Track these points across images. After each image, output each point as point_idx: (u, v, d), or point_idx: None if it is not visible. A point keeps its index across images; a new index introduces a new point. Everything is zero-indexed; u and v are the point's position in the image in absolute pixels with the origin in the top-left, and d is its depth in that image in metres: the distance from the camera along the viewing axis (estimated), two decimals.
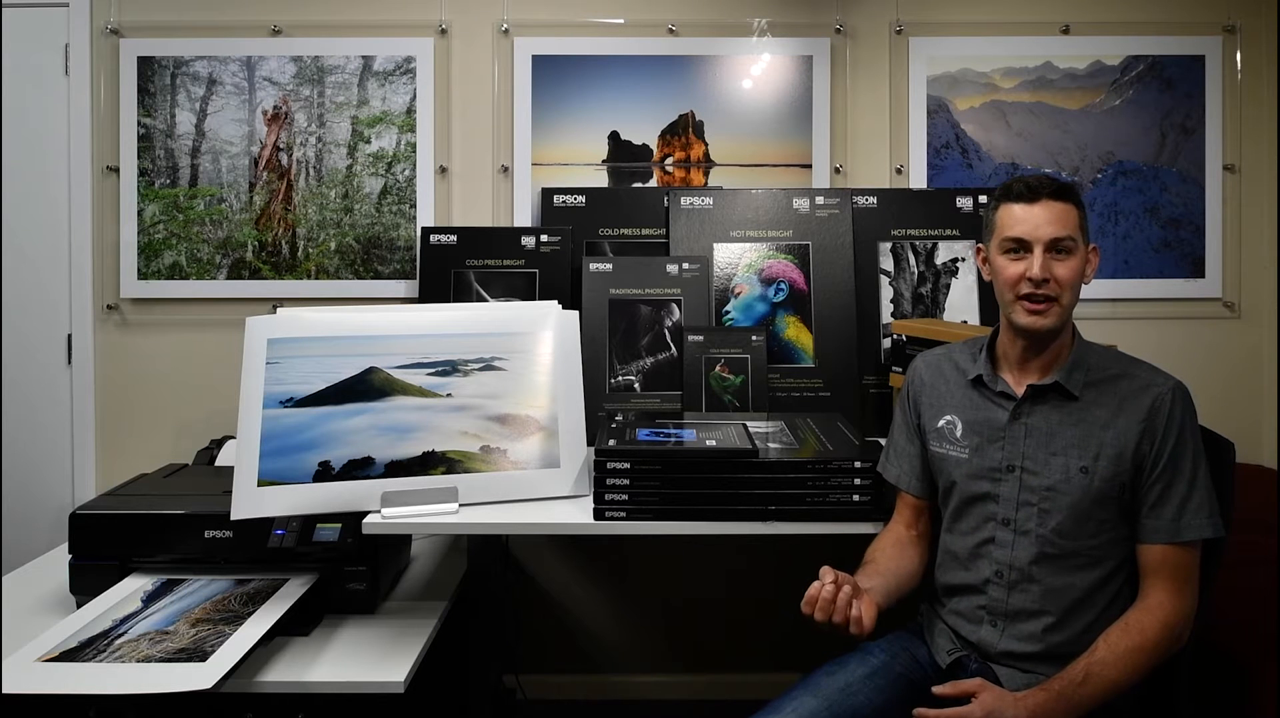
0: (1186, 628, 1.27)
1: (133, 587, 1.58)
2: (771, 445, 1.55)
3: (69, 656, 1.34)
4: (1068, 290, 1.31)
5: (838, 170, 2.31)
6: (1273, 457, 2.31)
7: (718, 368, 2.03)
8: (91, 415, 2.31)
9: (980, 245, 1.44)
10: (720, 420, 1.74)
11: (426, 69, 2.29)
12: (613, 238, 2.21)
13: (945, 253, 2.19)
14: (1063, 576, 1.31)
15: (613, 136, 2.31)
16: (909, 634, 1.49)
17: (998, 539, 1.35)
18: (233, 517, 1.50)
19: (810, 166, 2.31)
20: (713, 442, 1.51)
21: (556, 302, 1.77)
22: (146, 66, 2.28)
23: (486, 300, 2.14)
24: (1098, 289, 2.30)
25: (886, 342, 2.14)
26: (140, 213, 2.28)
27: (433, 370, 1.66)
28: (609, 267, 2.13)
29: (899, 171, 2.32)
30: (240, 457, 1.54)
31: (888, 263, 2.19)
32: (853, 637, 1.26)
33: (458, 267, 2.16)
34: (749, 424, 1.67)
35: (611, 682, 2.36)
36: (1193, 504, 1.27)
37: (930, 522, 1.50)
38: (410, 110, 2.30)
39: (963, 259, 2.18)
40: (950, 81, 2.31)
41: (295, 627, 1.53)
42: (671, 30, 2.30)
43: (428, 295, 2.14)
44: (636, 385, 2.06)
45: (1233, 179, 2.31)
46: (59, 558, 1.87)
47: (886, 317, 2.17)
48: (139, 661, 1.33)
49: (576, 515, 1.50)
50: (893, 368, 1.94)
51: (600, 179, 2.31)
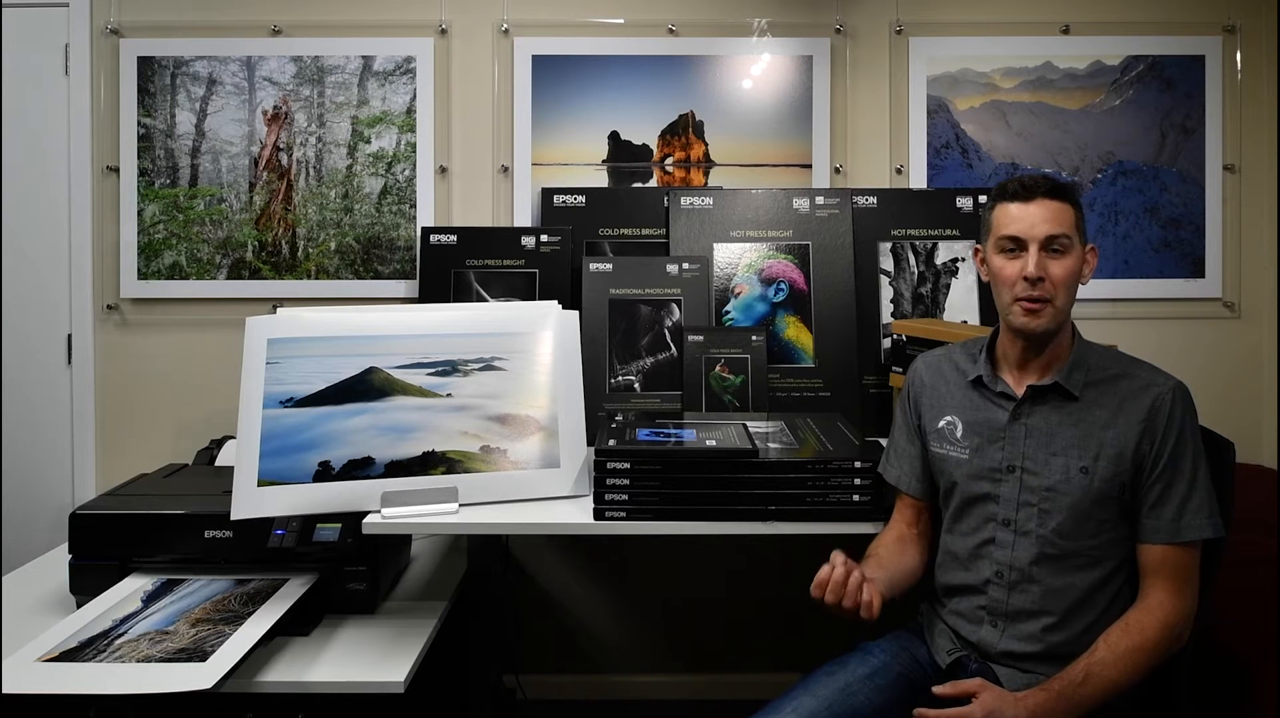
0: (1186, 628, 1.27)
1: (133, 587, 1.58)
2: (771, 445, 1.55)
3: (69, 656, 1.34)
4: (1062, 290, 1.31)
5: (838, 170, 2.31)
6: (1273, 457, 2.31)
7: (718, 368, 2.03)
8: (91, 415, 2.31)
9: (978, 247, 1.44)
10: (720, 420, 1.74)
11: (426, 69, 2.29)
12: (613, 238, 2.21)
13: (945, 253, 2.19)
14: (1063, 576, 1.31)
15: (613, 137, 2.31)
16: (909, 634, 1.50)
17: (998, 540, 1.35)
18: (233, 517, 1.50)
19: (810, 166, 2.31)
20: (713, 442, 1.51)
21: (556, 302, 1.77)
22: (146, 66, 2.28)
23: (486, 300, 2.14)
24: (1098, 289, 2.30)
25: (886, 342, 2.14)
26: (140, 213, 2.29)
27: (433, 370, 1.66)
28: (609, 267, 2.13)
29: (899, 171, 2.32)
30: (240, 457, 1.54)
31: (888, 263, 2.19)
32: (860, 622, 1.25)
33: (458, 267, 2.16)
34: (749, 424, 1.67)
35: (611, 682, 2.36)
36: (1193, 504, 1.27)
37: (931, 522, 1.50)
38: (410, 110, 2.30)
39: (963, 259, 2.18)
40: (950, 81, 2.31)
41: (295, 627, 1.53)
42: (671, 30, 2.30)
43: (428, 295, 2.14)
44: (636, 385, 2.06)
45: (1233, 179, 2.31)
46: (59, 558, 1.87)
47: (886, 317, 2.17)
48: (139, 661, 1.33)
49: (576, 515, 1.50)
50: (893, 368, 1.94)
51: (600, 179, 2.31)
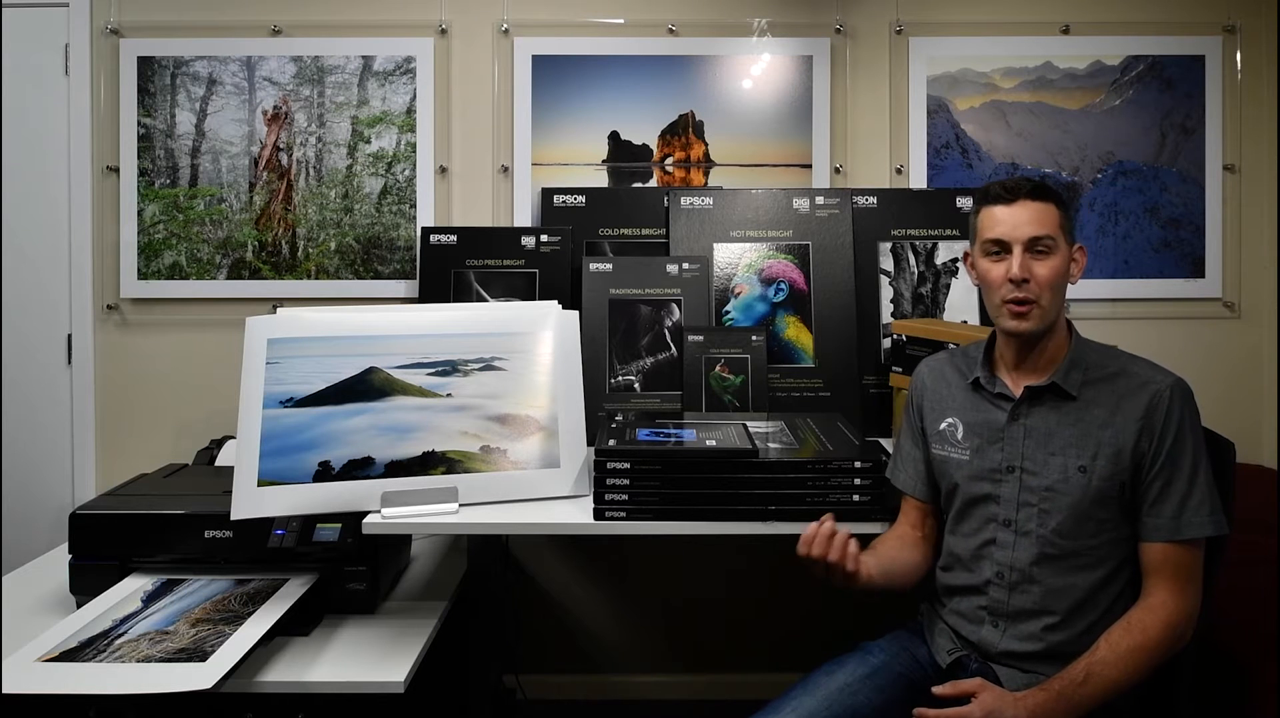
0: (1189, 627, 1.26)
1: (133, 587, 1.58)
2: (771, 445, 1.55)
3: (69, 656, 1.34)
4: (1048, 291, 1.31)
5: (838, 170, 2.31)
6: (1273, 457, 2.31)
7: (718, 368, 2.03)
8: (91, 415, 2.31)
9: (968, 251, 1.45)
10: (720, 420, 1.74)
11: (426, 69, 2.29)
12: (613, 238, 2.21)
13: (945, 253, 2.19)
14: (1064, 576, 1.31)
15: (613, 137, 2.31)
16: (909, 634, 1.50)
17: (999, 540, 1.35)
18: (233, 517, 1.50)
19: (810, 166, 2.31)
20: (713, 442, 1.51)
21: (556, 302, 1.77)
22: (146, 66, 2.28)
23: (486, 300, 2.14)
24: (1098, 289, 2.30)
25: (886, 342, 2.14)
26: (140, 213, 2.29)
27: (433, 370, 1.66)
28: (609, 267, 2.13)
29: (899, 171, 2.32)
30: (240, 457, 1.54)
31: (888, 263, 2.19)
32: (846, 585, 1.29)
33: (458, 267, 2.16)
34: (749, 424, 1.67)
35: (611, 682, 2.36)
36: (1193, 502, 1.26)
37: (936, 525, 1.50)
38: (410, 110, 2.30)
39: (963, 259, 2.18)
40: (950, 81, 2.31)
41: (295, 627, 1.53)
42: (671, 30, 2.30)
43: (428, 295, 2.14)
44: (636, 385, 2.06)
45: (1233, 179, 2.31)
46: (59, 558, 1.87)
47: (886, 317, 2.17)
48: (139, 661, 1.33)
49: (576, 515, 1.50)
50: (893, 368, 1.94)
51: (600, 179, 2.31)
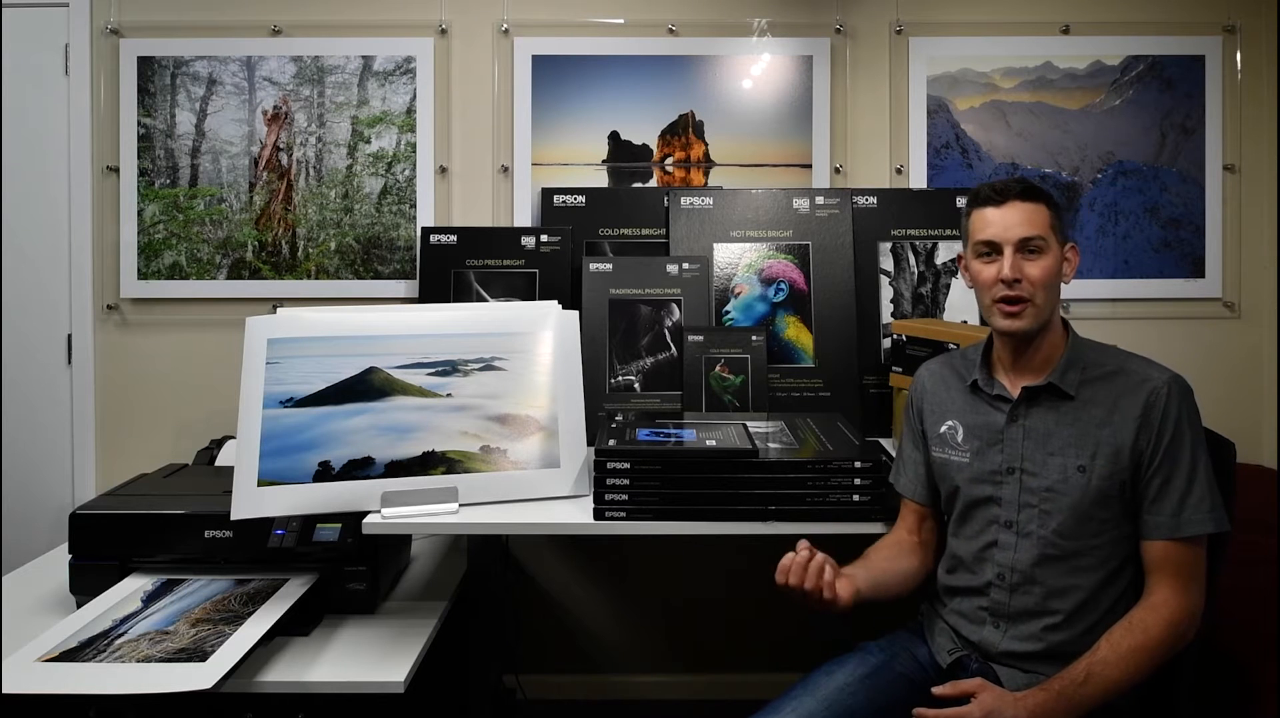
0: (1192, 626, 1.26)
1: (133, 587, 1.58)
2: (771, 445, 1.55)
3: (69, 656, 1.34)
4: (1041, 290, 1.31)
5: (838, 170, 2.31)
6: (1273, 457, 2.31)
7: (718, 368, 2.03)
8: (91, 415, 2.31)
9: (961, 254, 1.45)
10: (720, 420, 1.74)
11: (426, 69, 2.29)
12: (613, 238, 2.21)
13: (945, 253, 2.19)
14: (1066, 577, 1.31)
15: (613, 137, 2.31)
16: (909, 634, 1.50)
17: (1000, 542, 1.35)
18: (233, 517, 1.50)
19: (810, 166, 2.31)
20: (713, 442, 1.51)
21: (556, 302, 1.77)
22: (146, 66, 2.28)
23: (486, 300, 2.14)
24: (1098, 289, 2.30)
25: (886, 342, 2.14)
26: (140, 213, 2.28)
27: (433, 370, 1.66)
28: (609, 267, 2.13)
29: (899, 171, 2.32)
30: (240, 457, 1.54)
31: (888, 263, 2.19)
32: (829, 613, 1.28)
33: (458, 267, 2.16)
34: (749, 424, 1.67)
35: (611, 682, 2.36)
36: (1193, 499, 1.26)
37: (934, 528, 1.50)
38: (410, 110, 2.30)
39: (956, 262, 2.18)
40: (950, 81, 2.31)
41: (295, 627, 1.53)
42: (671, 30, 2.30)
43: (428, 295, 2.14)
44: (636, 385, 2.06)
45: (1233, 179, 2.31)
46: (59, 558, 1.87)
47: (886, 317, 2.17)
48: (139, 661, 1.33)
49: (576, 515, 1.50)
50: (893, 368, 1.94)
51: (600, 179, 2.31)
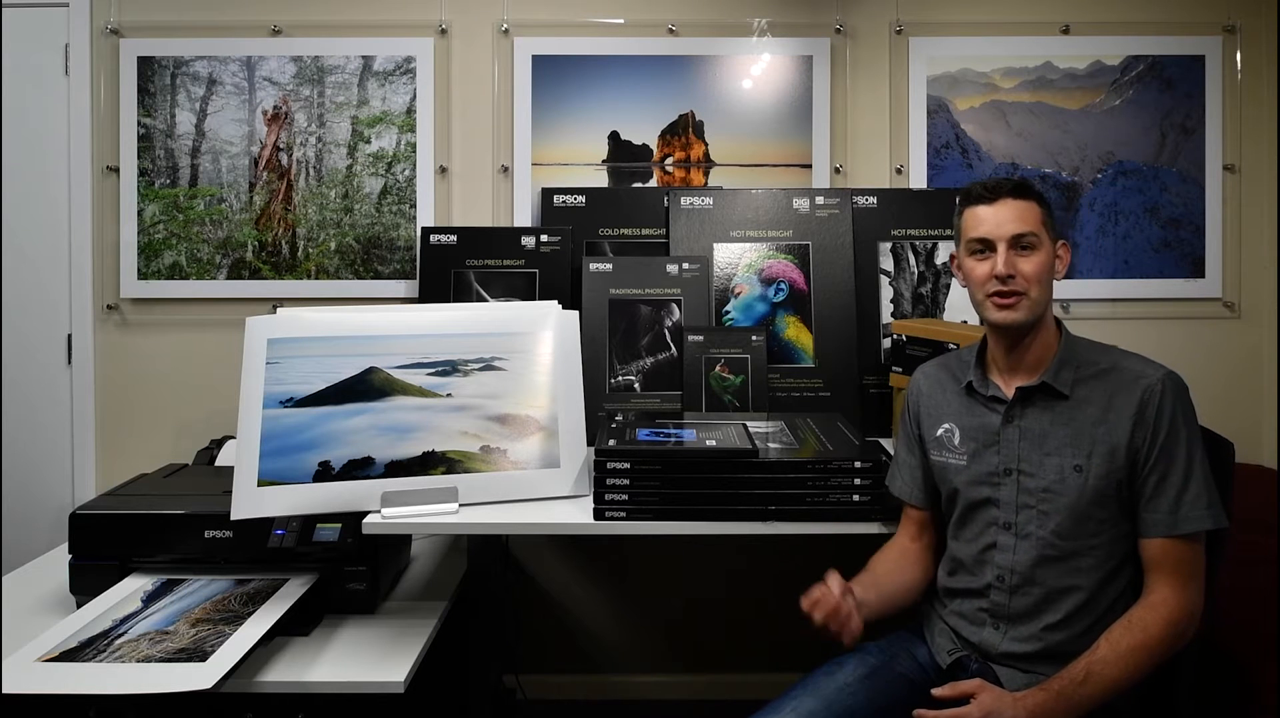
0: (1192, 624, 1.25)
1: (133, 587, 1.58)
2: (771, 445, 1.55)
3: (69, 656, 1.34)
4: (1035, 284, 1.32)
5: (838, 170, 2.31)
6: (1273, 457, 2.31)
7: (718, 368, 2.03)
8: (91, 415, 2.31)
9: (954, 254, 1.46)
10: (720, 420, 1.74)
11: (426, 69, 2.29)
12: (613, 238, 2.21)
13: (945, 253, 2.19)
14: (1065, 577, 1.31)
15: (613, 137, 2.31)
16: (909, 634, 1.49)
17: (999, 544, 1.35)
18: (233, 517, 1.50)
19: (810, 166, 2.31)
20: (713, 442, 1.51)
21: (556, 302, 1.77)
22: (146, 66, 2.28)
23: (486, 300, 2.14)
24: (1098, 289, 2.30)
25: (886, 342, 2.14)
26: (140, 213, 2.29)
27: (433, 370, 1.66)
28: (609, 267, 2.13)
29: (899, 171, 2.32)
30: (240, 457, 1.54)
31: (888, 263, 2.19)
32: (836, 641, 1.33)
33: (458, 267, 2.16)
34: (749, 424, 1.67)
35: (611, 682, 2.36)
36: (1189, 495, 1.26)
37: (936, 533, 1.50)
38: (410, 110, 2.30)
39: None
40: (950, 81, 2.31)
41: (295, 627, 1.53)
42: (671, 30, 2.30)
43: (428, 295, 2.14)
44: (636, 385, 2.06)
45: (1233, 179, 2.31)
46: (59, 558, 1.87)
47: (886, 317, 2.17)
48: (139, 661, 1.33)
49: (576, 515, 1.50)
50: (893, 368, 1.94)
51: (600, 179, 2.31)
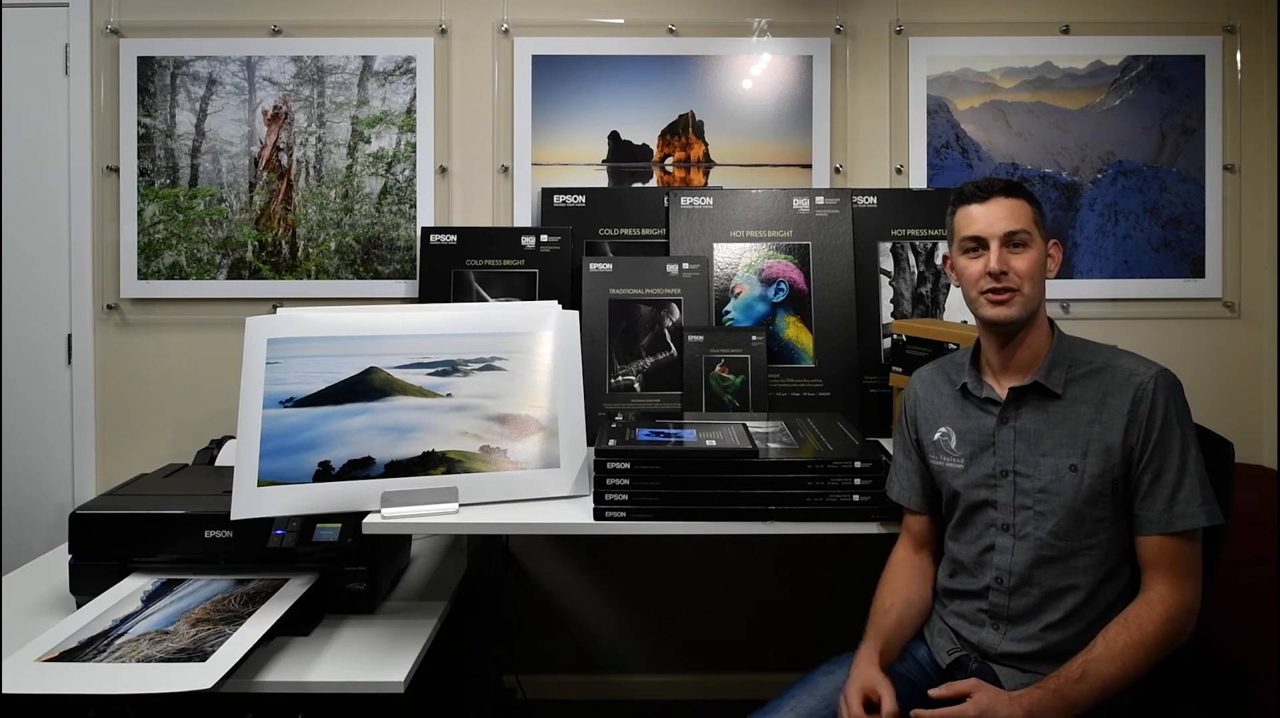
0: (1189, 622, 1.25)
1: (133, 587, 1.58)
2: (771, 445, 1.55)
3: (69, 656, 1.34)
4: (1028, 281, 1.33)
5: (838, 170, 2.31)
6: (1273, 457, 2.31)
7: (718, 368, 2.03)
8: (91, 415, 2.31)
9: (947, 255, 1.46)
10: (720, 420, 1.74)
11: (426, 69, 2.29)
12: (613, 238, 2.21)
13: (945, 253, 2.19)
14: (1063, 577, 1.31)
15: (613, 136, 2.31)
16: None
17: (998, 545, 1.35)
18: (233, 517, 1.50)
19: (810, 166, 2.31)
20: (713, 442, 1.51)
21: (556, 302, 1.77)
22: (146, 66, 2.28)
23: (486, 300, 2.14)
24: (1098, 289, 2.30)
25: (886, 342, 2.14)
26: (140, 213, 2.29)
27: (433, 370, 1.66)
28: (609, 267, 2.13)
29: (899, 172, 2.32)
30: (240, 457, 1.54)
31: (888, 263, 2.19)
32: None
33: (458, 267, 2.16)
34: (749, 424, 1.67)
35: (611, 682, 2.36)
36: (1184, 493, 1.26)
37: (937, 541, 1.50)
38: (410, 110, 2.30)
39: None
40: (950, 81, 2.31)
41: (295, 627, 1.53)
42: (671, 30, 2.30)
43: (428, 295, 2.14)
44: (636, 385, 2.06)
45: (1233, 179, 2.31)
46: (59, 558, 1.87)
47: (886, 317, 2.17)
48: (139, 661, 1.33)
49: (576, 515, 1.50)
50: (893, 368, 1.94)
51: (600, 179, 2.31)
